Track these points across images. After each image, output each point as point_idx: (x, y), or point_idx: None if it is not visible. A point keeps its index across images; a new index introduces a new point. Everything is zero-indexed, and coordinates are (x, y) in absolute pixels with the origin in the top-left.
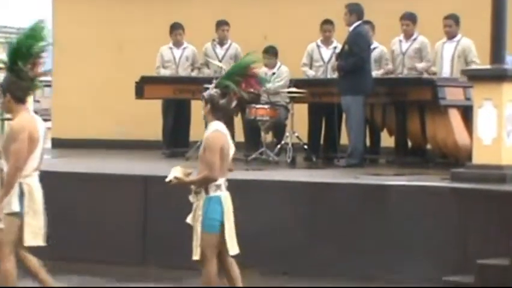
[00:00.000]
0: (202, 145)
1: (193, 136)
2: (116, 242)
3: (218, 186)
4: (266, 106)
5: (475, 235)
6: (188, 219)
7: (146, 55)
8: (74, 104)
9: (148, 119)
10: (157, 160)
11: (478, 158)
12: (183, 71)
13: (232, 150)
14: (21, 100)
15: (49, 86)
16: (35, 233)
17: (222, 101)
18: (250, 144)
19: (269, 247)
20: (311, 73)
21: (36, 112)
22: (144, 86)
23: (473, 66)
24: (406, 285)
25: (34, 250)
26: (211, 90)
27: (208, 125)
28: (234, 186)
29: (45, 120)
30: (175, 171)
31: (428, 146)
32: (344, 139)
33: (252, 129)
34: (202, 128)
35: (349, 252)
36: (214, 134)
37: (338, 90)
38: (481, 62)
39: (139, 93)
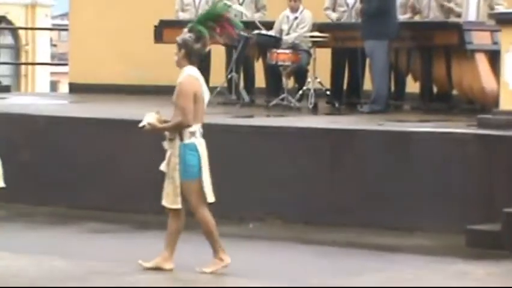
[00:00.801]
0: (175, 90)
1: (213, 82)
2: (135, 189)
3: (192, 133)
4: (288, 51)
5: (501, 183)
6: (162, 167)
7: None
8: (91, 48)
9: (166, 64)
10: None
11: (504, 104)
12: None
13: (207, 96)
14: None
15: (66, 29)
16: None
17: (197, 45)
18: (271, 90)
19: (290, 195)
20: (334, 16)
21: (54, 56)
22: (163, 30)
23: (501, 10)
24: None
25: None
26: (185, 34)
27: (182, 70)
28: (255, 133)
29: (62, 65)
30: (149, 117)
31: (454, 92)
32: (367, 85)
33: (273, 75)
34: (222, 73)
35: (371, 201)
36: (187, 78)
37: (362, 35)
38: (507, 5)
39: (158, 37)
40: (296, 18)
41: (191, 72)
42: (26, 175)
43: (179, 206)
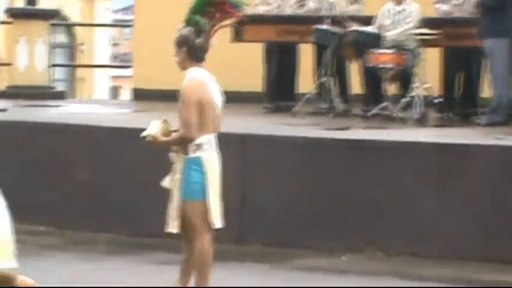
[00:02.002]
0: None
1: (301, 87)
2: None
3: (198, 146)
4: (390, 51)
5: None
6: (165, 182)
7: None
8: (159, 49)
9: (246, 67)
10: (257, 116)
11: None
12: (289, 8)
13: (219, 99)
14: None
15: (129, 26)
16: None
17: (199, 40)
18: (370, 97)
19: (392, 221)
20: (446, 9)
21: (115, 57)
22: (242, 27)
23: None
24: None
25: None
26: (182, 30)
27: (186, 73)
28: (350, 148)
29: (124, 67)
30: (154, 126)
31: None
32: (485, 91)
33: (373, 79)
34: (311, 78)
35: (488, 231)
36: (189, 83)
37: (479, 32)
38: None
39: (237, 35)
40: (401, 11)
41: (195, 74)
42: (83, 197)
43: (175, 230)
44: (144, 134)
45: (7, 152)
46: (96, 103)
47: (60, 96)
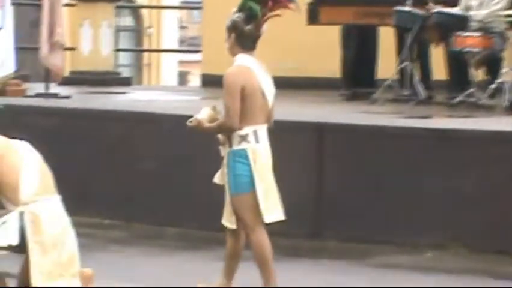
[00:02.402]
0: None
1: (380, 73)
2: (284, 207)
3: (243, 137)
4: (477, 34)
5: None
6: (216, 178)
7: None
8: None
9: (322, 51)
10: (334, 103)
11: None
12: None
13: (268, 88)
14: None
15: (198, 8)
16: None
17: (249, 27)
18: (455, 84)
19: (479, 217)
20: None
21: (183, 41)
22: (319, 9)
23: None
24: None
25: None
26: (233, 15)
27: (234, 59)
28: (433, 138)
29: (193, 51)
30: (203, 112)
31: None
32: None
33: (458, 64)
34: (392, 63)
35: None
36: (233, 69)
37: None
38: None
39: (313, 17)
40: None
41: (242, 61)
42: (150, 188)
43: (233, 226)
44: (191, 119)
45: (70, 142)
46: (163, 90)
47: (125, 82)
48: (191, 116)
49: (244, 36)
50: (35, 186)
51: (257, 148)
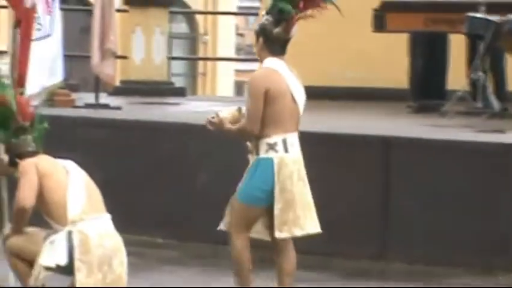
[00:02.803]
0: None
1: (451, 84)
2: (347, 226)
3: (271, 146)
4: None
5: None
6: None
7: None
8: (292, 40)
9: (389, 60)
10: (401, 116)
11: None
12: None
13: (298, 94)
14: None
15: (256, 14)
16: None
17: (277, 30)
18: None
19: None
20: None
21: (241, 49)
22: (385, 15)
23: None
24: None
25: None
26: (262, 18)
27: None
28: (507, 153)
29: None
30: (227, 111)
31: None
32: None
33: None
34: (463, 73)
35: None
36: (259, 72)
37: None
38: None
39: (379, 24)
40: None
41: (269, 64)
42: (205, 205)
43: (267, 237)
44: (211, 116)
45: (121, 155)
46: (219, 100)
47: (179, 92)
48: None
49: (272, 40)
50: (82, 205)
51: (285, 158)
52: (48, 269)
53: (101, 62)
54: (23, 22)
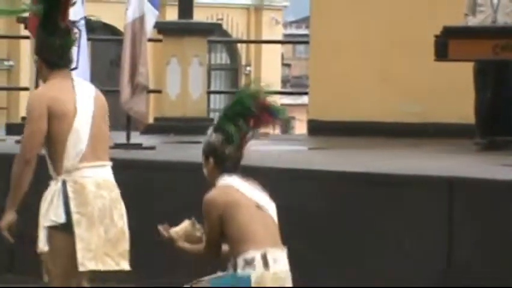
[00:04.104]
0: None
1: None
2: (406, 273)
3: (248, 262)
4: None
5: None
6: None
7: None
8: (340, 70)
9: (453, 93)
10: (467, 154)
11: None
12: (504, 17)
13: (267, 203)
14: (56, 65)
15: (304, 42)
16: (90, 251)
17: (229, 149)
18: None
19: None
20: None
21: (287, 81)
22: (448, 42)
23: None
24: None
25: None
26: (210, 137)
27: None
28: None
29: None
30: (181, 225)
31: None
32: None
33: None
34: None
35: None
36: (212, 192)
37: None
38: None
39: (441, 52)
40: None
41: (224, 181)
42: None
43: None
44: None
45: (155, 199)
46: (263, 138)
47: None
48: (296, 170)
49: (224, 160)
50: (80, 152)
51: (265, 275)
52: (52, 228)
53: (131, 98)
54: None
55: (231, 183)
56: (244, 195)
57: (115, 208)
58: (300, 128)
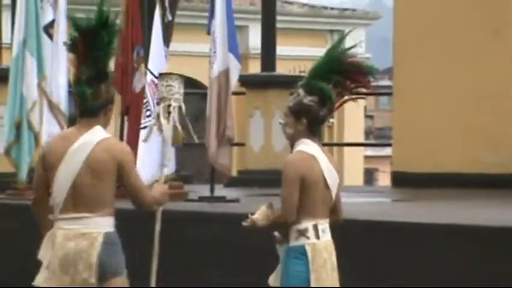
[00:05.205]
0: None
1: None
2: None
3: (302, 232)
4: None
5: None
6: (270, 280)
7: None
8: (424, 122)
9: None
10: None
11: None
12: None
13: (332, 179)
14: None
15: (387, 94)
16: None
17: (323, 111)
18: None
19: None
20: None
21: (370, 132)
22: None
23: None
24: None
25: None
26: (303, 98)
27: (295, 145)
28: None
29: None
30: (258, 211)
31: None
32: None
33: None
34: None
35: None
36: (295, 157)
37: None
38: None
39: None
40: None
41: (303, 147)
42: None
43: None
44: (244, 223)
45: (240, 253)
46: (347, 190)
47: None
48: (380, 222)
49: (316, 122)
50: (61, 203)
51: (317, 244)
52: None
53: (217, 151)
54: (132, 109)
55: (312, 152)
56: (320, 169)
57: (79, 259)
58: (384, 179)
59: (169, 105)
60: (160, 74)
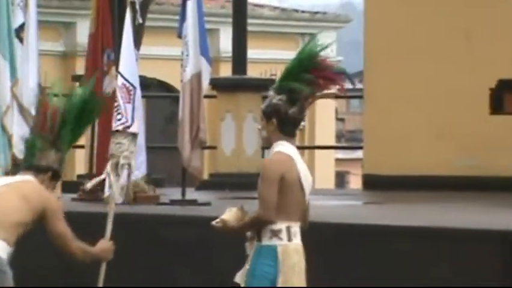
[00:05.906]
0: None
1: None
2: None
3: (275, 233)
4: None
5: None
6: (237, 277)
7: (504, 49)
8: (394, 124)
9: (508, 146)
10: None
11: None
12: None
13: (307, 182)
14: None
15: (357, 97)
16: None
17: (292, 110)
18: None
19: None
20: None
21: (341, 136)
22: (503, 95)
23: None
24: None
25: None
26: (273, 98)
27: (271, 147)
28: None
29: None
30: (229, 212)
31: None
32: None
33: None
34: None
35: None
36: (273, 157)
37: None
38: None
39: (496, 105)
40: None
41: (282, 148)
42: None
43: None
44: (215, 221)
45: (212, 258)
46: (318, 193)
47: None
48: (351, 225)
49: (287, 121)
50: None
51: (288, 246)
52: None
53: (190, 154)
54: (103, 112)
55: (290, 153)
56: (297, 171)
57: None
58: (355, 182)
59: (117, 163)
60: (112, 131)
